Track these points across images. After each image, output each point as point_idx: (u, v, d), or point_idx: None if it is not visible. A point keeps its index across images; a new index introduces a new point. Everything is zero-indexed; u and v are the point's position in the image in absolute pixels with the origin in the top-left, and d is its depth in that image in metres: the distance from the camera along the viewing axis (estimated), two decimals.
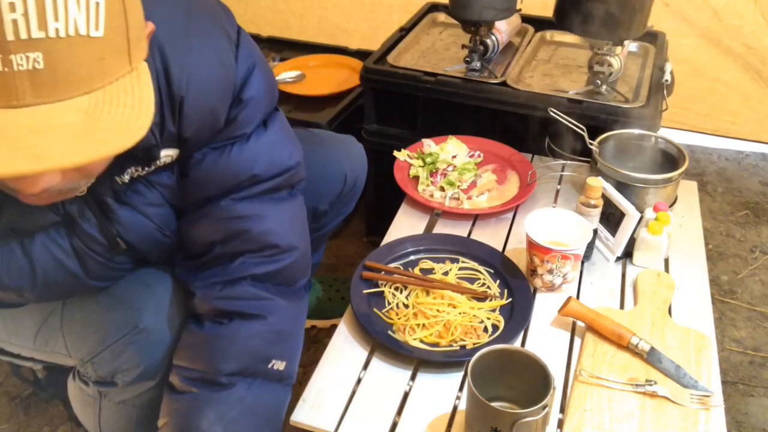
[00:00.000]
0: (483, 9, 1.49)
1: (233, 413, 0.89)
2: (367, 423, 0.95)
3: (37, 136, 0.55)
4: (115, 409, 1.05)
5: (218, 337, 0.92)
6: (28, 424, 1.42)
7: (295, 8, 2.51)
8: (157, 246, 0.96)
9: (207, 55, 0.85)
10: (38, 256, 0.89)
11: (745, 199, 2.11)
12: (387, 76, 1.61)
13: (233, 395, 0.90)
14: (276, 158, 0.95)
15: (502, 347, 0.91)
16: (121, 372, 0.97)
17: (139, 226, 0.92)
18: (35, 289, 0.92)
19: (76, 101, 0.58)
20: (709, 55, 2.13)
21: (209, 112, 0.87)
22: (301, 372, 1.52)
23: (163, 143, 0.86)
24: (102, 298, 0.98)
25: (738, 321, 1.67)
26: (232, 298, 0.94)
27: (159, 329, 0.95)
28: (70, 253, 0.91)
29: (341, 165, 1.26)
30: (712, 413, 0.95)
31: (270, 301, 0.95)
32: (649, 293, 1.14)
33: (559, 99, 1.49)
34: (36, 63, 0.54)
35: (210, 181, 0.92)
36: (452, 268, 1.19)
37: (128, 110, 0.60)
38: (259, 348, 0.93)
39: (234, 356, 0.91)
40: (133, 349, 0.94)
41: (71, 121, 0.57)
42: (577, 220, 1.16)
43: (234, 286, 0.94)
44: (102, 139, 0.58)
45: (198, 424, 0.87)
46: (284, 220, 0.97)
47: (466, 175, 1.40)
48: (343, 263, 1.83)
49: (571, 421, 0.93)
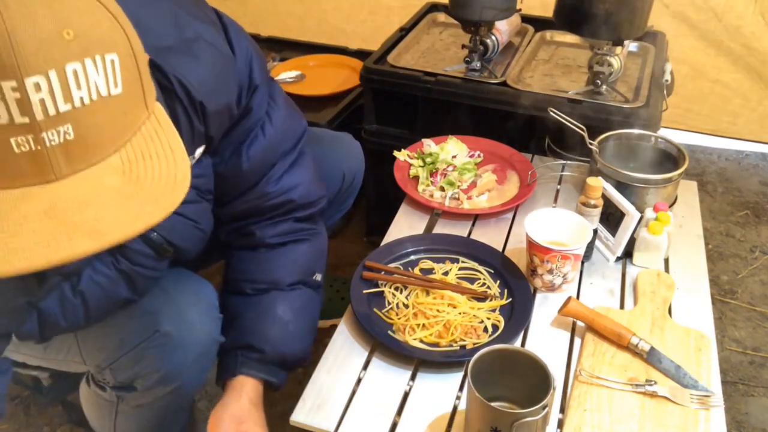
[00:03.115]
0: (483, 9, 1.49)
1: (297, 305, 1.08)
2: (367, 423, 0.95)
3: (86, 208, 0.56)
4: (133, 413, 1.06)
5: (275, 259, 1.09)
6: (28, 424, 1.42)
7: (294, 10, 2.50)
8: (194, 242, 1.00)
9: (208, 53, 0.88)
10: (89, 292, 0.89)
11: (745, 199, 2.11)
12: (387, 76, 1.61)
13: (294, 295, 1.09)
14: (295, 127, 1.08)
15: (502, 347, 0.91)
16: (141, 377, 0.97)
17: (178, 225, 0.95)
18: (88, 322, 0.93)
19: (108, 162, 0.58)
20: (709, 55, 2.13)
21: (226, 108, 0.93)
22: (301, 372, 1.52)
23: (195, 143, 0.91)
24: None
25: (738, 321, 1.67)
26: (281, 234, 1.09)
27: (178, 333, 0.96)
28: (118, 279, 0.91)
29: (339, 163, 1.28)
30: (712, 413, 0.95)
31: (311, 231, 1.14)
32: (649, 293, 1.14)
33: (559, 99, 1.49)
34: (67, 135, 0.55)
35: (256, 169, 1.03)
36: (452, 268, 1.19)
37: (163, 162, 0.61)
38: (306, 265, 1.11)
39: (291, 271, 1.09)
40: (153, 353, 0.95)
41: (112, 185, 0.58)
42: (577, 220, 1.16)
43: (279, 225, 1.09)
44: (151, 199, 0.59)
45: (275, 312, 1.05)
46: (312, 176, 1.12)
47: (466, 175, 1.40)
48: (343, 263, 1.83)
49: (571, 421, 0.93)
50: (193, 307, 0.99)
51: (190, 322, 0.97)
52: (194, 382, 1.03)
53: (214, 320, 1.02)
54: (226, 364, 1.03)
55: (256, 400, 1.02)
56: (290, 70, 1.99)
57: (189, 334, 0.97)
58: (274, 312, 1.05)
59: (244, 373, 1.02)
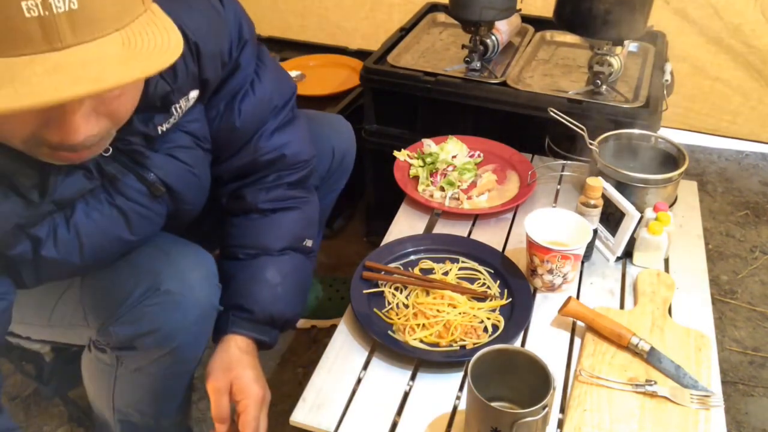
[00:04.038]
0: (483, 9, 1.49)
1: (286, 269, 1.13)
2: (367, 423, 0.95)
3: (88, 66, 0.62)
4: (131, 377, 1.07)
5: (265, 225, 1.14)
6: (28, 424, 1.42)
7: (295, 7, 2.51)
8: (189, 187, 1.03)
9: (200, 2, 0.96)
10: (82, 226, 0.91)
11: (745, 199, 2.11)
12: (387, 76, 1.61)
13: (284, 260, 1.13)
14: (284, 87, 1.14)
15: (502, 347, 0.91)
16: (141, 335, 0.98)
17: (171, 167, 0.99)
18: (84, 260, 0.94)
19: (111, 38, 0.65)
20: (710, 54, 2.13)
21: (219, 55, 0.99)
22: (301, 372, 1.53)
23: (189, 84, 0.95)
24: (121, 265, 1.00)
25: (738, 321, 1.67)
26: (273, 200, 1.14)
27: (179, 292, 0.97)
28: (112, 214, 0.94)
29: (329, 140, 1.31)
30: (712, 413, 0.95)
31: (303, 199, 1.18)
32: (649, 293, 1.14)
33: (559, 99, 1.49)
34: (72, 4, 0.61)
35: (249, 126, 1.08)
36: (452, 268, 1.19)
37: (159, 36, 0.68)
38: (296, 231, 1.15)
39: (280, 238, 1.14)
40: (153, 311, 0.97)
41: (114, 52, 0.64)
42: (577, 220, 1.16)
43: (272, 191, 1.14)
44: (146, 59, 0.66)
45: (263, 276, 1.10)
46: (303, 135, 1.17)
47: (466, 175, 1.40)
48: (343, 263, 1.83)
49: (571, 421, 0.93)
50: (195, 271, 1.01)
51: (190, 284, 0.99)
52: (191, 346, 1.04)
53: (213, 287, 1.04)
54: (219, 324, 1.08)
55: (246, 348, 1.07)
56: (290, 70, 1.99)
57: (189, 295, 0.98)
58: (263, 275, 1.10)
59: (234, 332, 1.07)
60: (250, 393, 1.02)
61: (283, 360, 1.56)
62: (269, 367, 1.54)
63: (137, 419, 1.15)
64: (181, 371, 1.10)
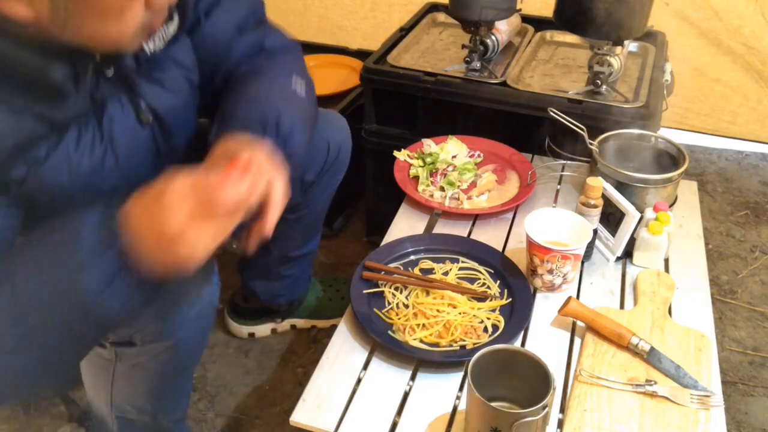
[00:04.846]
0: (483, 9, 1.49)
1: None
2: (367, 423, 0.95)
3: None
4: (129, 373, 1.07)
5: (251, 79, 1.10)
6: (28, 424, 1.42)
7: (295, 7, 2.50)
8: (176, 117, 1.02)
9: None
10: (73, 151, 0.90)
11: (745, 199, 2.11)
12: (387, 76, 1.61)
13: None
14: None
15: (502, 347, 0.91)
16: (140, 331, 0.98)
17: (161, 95, 0.99)
18: (72, 187, 0.92)
19: None
20: (709, 54, 2.13)
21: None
22: (301, 372, 1.53)
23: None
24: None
25: (738, 321, 1.67)
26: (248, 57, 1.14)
27: (179, 287, 0.97)
28: (100, 140, 0.93)
29: (323, 134, 1.30)
30: (712, 413, 0.95)
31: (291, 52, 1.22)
32: (649, 293, 1.14)
33: (559, 99, 1.49)
34: None
35: (228, 38, 1.11)
36: (452, 268, 1.19)
37: None
38: (286, 68, 1.15)
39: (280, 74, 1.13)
40: (152, 307, 0.95)
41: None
42: (577, 220, 1.16)
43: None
44: None
45: (250, 95, 1.06)
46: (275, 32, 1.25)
47: (466, 175, 1.40)
48: (343, 263, 1.83)
49: (571, 421, 0.93)
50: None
51: (189, 280, 0.97)
52: (191, 343, 1.04)
53: (212, 285, 1.03)
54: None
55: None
56: None
57: (188, 291, 0.98)
58: (250, 96, 1.08)
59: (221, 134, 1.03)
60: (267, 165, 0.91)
61: (283, 360, 1.56)
62: (269, 367, 1.54)
63: (135, 416, 1.15)
64: (179, 368, 1.09)
